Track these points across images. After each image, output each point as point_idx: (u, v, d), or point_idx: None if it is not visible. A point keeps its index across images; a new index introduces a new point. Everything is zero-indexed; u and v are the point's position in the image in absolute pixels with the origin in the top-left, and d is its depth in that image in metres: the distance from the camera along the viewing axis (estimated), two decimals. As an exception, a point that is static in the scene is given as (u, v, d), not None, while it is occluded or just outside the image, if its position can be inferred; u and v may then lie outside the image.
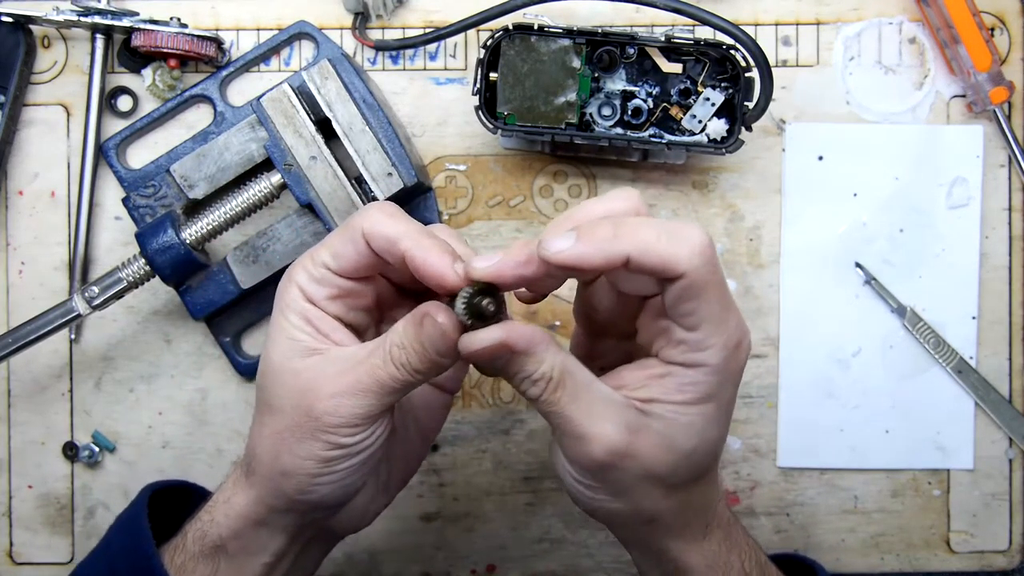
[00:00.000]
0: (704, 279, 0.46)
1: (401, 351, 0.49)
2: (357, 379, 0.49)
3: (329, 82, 0.63)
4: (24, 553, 0.70)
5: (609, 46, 0.64)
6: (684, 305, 0.47)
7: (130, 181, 0.68)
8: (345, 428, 0.49)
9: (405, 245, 0.49)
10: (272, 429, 0.51)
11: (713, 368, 0.48)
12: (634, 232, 0.46)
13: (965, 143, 0.70)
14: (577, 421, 0.48)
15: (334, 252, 0.51)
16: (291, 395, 0.50)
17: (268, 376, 0.52)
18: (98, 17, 0.66)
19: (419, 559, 0.71)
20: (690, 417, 0.49)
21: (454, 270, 0.48)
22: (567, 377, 0.48)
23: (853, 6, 0.70)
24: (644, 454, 0.49)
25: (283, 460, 0.51)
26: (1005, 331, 0.71)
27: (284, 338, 0.51)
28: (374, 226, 0.49)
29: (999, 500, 0.71)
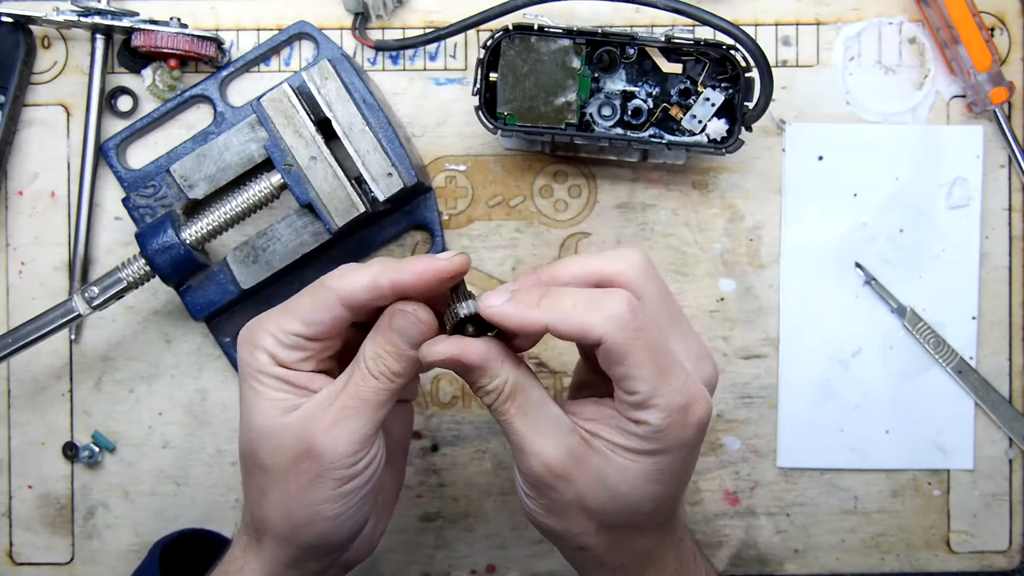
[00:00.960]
0: (625, 345, 0.47)
1: (377, 360, 0.51)
2: (344, 406, 0.50)
3: (329, 82, 0.63)
4: (24, 553, 0.70)
5: (609, 46, 0.64)
6: (613, 369, 0.49)
7: (130, 181, 0.68)
8: (347, 458, 0.50)
9: (386, 278, 0.50)
10: (276, 490, 0.52)
11: (654, 428, 0.49)
12: (555, 302, 0.49)
13: (965, 143, 0.70)
14: (522, 434, 0.50)
15: (306, 320, 0.51)
16: (286, 448, 0.51)
17: (256, 440, 0.52)
18: (98, 17, 0.66)
19: (419, 559, 0.71)
20: (626, 462, 0.50)
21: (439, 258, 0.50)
22: (518, 392, 0.50)
23: (853, 6, 0.70)
24: (579, 483, 0.50)
25: (297, 514, 0.51)
26: (1005, 331, 0.70)
27: (263, 402, 0.51)
28: (348, 286, 0.50)
29: (999, 500, 0.71)
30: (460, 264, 0.50)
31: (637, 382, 0.48)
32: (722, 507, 0.71)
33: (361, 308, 0.51)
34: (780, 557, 0.71)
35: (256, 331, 0.52)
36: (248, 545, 0.54)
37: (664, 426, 0.48)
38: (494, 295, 0.50)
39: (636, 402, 0.48)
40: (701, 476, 0.71)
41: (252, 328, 0.52)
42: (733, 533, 0.71)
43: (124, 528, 0.70)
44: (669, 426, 0.48)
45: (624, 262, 0.50)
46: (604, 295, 0.48)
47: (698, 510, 0.71)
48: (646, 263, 0.51)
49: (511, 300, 0.49)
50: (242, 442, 0.53)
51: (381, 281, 0.50)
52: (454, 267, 0.50)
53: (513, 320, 0.49)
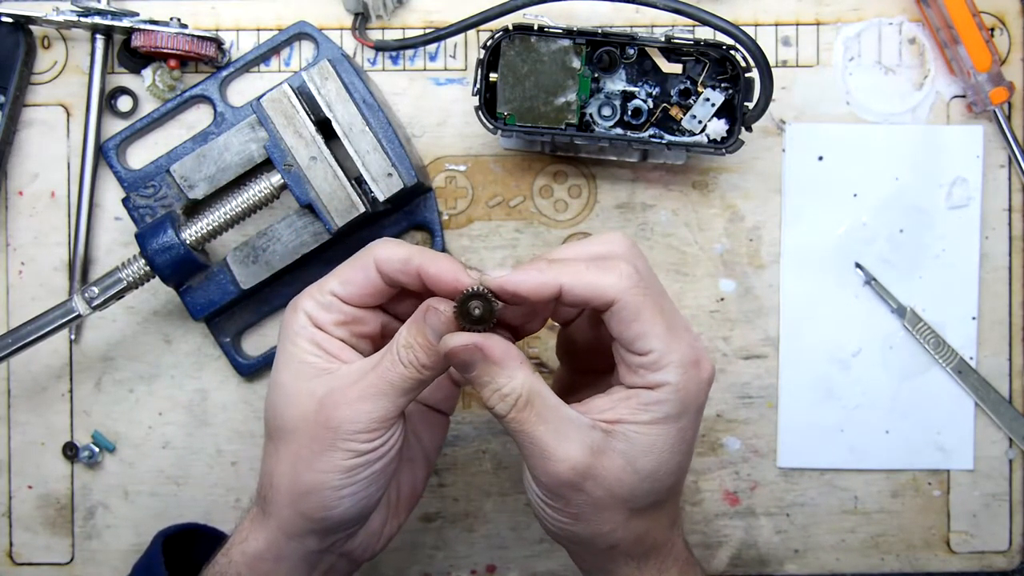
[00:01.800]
0: (636, 301, 0.49)
1: (408, 350, 0.51)
2: (370, 384, 0.51)
3: (329, 82, 0.63)
4: (24, 553, 0.70)
5: (609, 46, 0.64)
6: (627, 330, 0.49)
7: (130, 181, 0.68)
8: (364, 434, 0.51)
9: (417, 260, 0.52)
10: (289, 452, 0.53)
11: (674, 386, 0.50)
12: (563, 266, 0.50)
13: (965, 143, 0.70)
14: (543, 441, 0.50)
15: (343, 279, 0.53)
16: (307, 413, 0.52)
17: (280, 400, 0.53)
18: (98, 17, 0.66)
19: (419, 559, 0.71)
20: (652, 437, 0.50)
21: (466, 273, 0.51)
22: (535, 397, 0.50)
23: (853, 6, 0.70)
24: (607, 475, 0.50)
25: (304, 479, 0.52)
26: (1005, 331, 0.71)
27: (295, 362, 0.53)
28: (384, 253, 0.53)
29: (999, 500, 0.71)
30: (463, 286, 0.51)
31: (651, 339, 0.49)
32: (722, 507, 0.71)
33: (391, 279, 0.53)
34: (780, 557, 0.71)
35: (302, 295, 0.54)
36: (255, 517, 0.55)
37: (682, 383, 0.50)
38: (496, 268, 0.51)
39: (651, 361, 0.50)
40: (701, 476, 0.71)
41: (298, 296, 0.54)
42: (733, 533, 0.71)
43: (124, 528, 0.70)
44: (686, 383, 0.50)
45: (613, 243, 0.52)
46: (610, 260, 0.50)
47: (698, 510, 0.71)
48: (630, 242, 0.52)
49: (517, 270, 0.50)
50: (268, 401, 0.55)
51: (413, 262, 0.52)
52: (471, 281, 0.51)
53: (527, 285, 0.49)
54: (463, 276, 0.50)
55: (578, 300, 0.50)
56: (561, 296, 0.50)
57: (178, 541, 0.65)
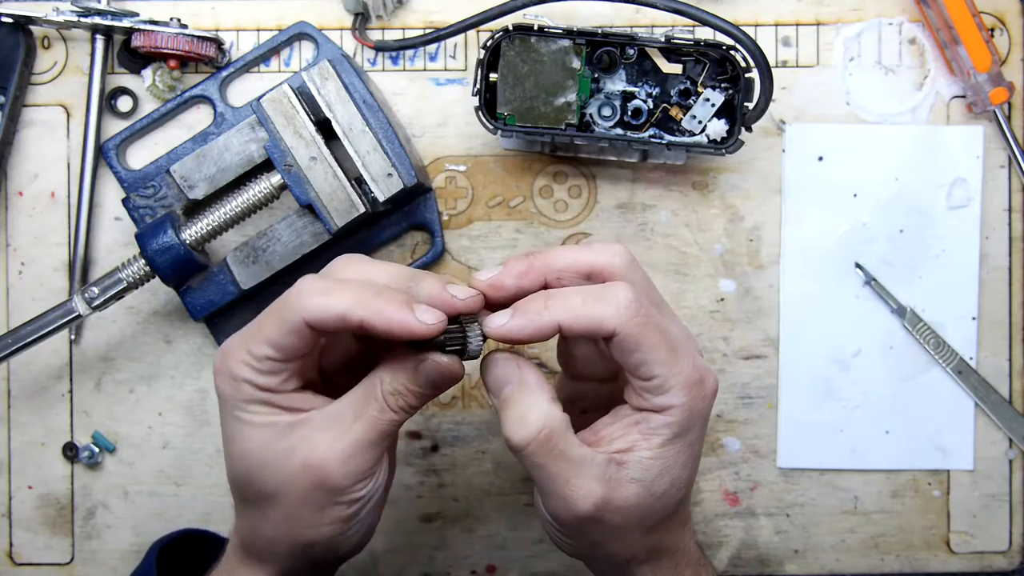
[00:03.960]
0: (637, 331, 0.48)
1: (397, 396, 0.50)
2: (360, 437, 0.50)
3: (329, 83, 0.63)
4: (24, 554, 0.70)
5: (609, 47, 0.64)
6: (629, 359, 0.49)
7: (130, 182, 0.68)
8: (359, 483, 0.50)
9: (359, 316, 0.47)
10: (279, 514, 0.51)
11: (679, 408, 0.50)
12: (562, 302, 0.49)
13: (965, 144, 0.70)
14: (563, 478, 0.49)
15: (276, 344, 0.49)
16: (291, 475, 0.50)
17: (254, 467, 0.51)
18: (98, 18, 0.66)
19: (419, 560, 0.71)
20: (664, 460, 0.50)
21: (418, 320, 0.47)
22: (557, 433, 0.49)
23: (853, 7, 0.70)
24: (623, 504, 0.50)
25: (304, 535, 0.51)
26: (1005, 332, 0.70)
27: (255, 429, 0.50)
28: (315, 312, 0.47)
29: (999, 501, 0.71)
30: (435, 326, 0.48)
31: (655, 366, 0.49)
32: (722, 507, 0.71)
33: (337, 330, 0.48)
34: (780, 557, 0.71)
35: (229, 360, 0.50)
36: (247, 562, 0.54)
37: (687, 404, 0.50)
38: (497, 316, 0.50)
39: (656, 386, 0.49)
40: (701, 476, 0.71)
41: (225, 357, 0.50)
42: (733, 533, 0.71)
43: (124, 528, 0.70)
44: (691, 403, 0.50)
45: (612, 255, 0.51)
46: (608, 288, 0.49)
47: (698, 510, 0.71)
48: (630, 255, 0.52)
49: (517, 314, 0.49)
50: (236, 472, 0.52)
51: (353, 317, 0.47)
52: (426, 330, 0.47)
53: (526, 332, 0.49)
54: (416, 325, 0.47)
55: (577, 335, 0.50)
56: (561, 332, 0.49)
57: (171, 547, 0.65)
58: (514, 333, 0.49)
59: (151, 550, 0.65)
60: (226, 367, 0.50)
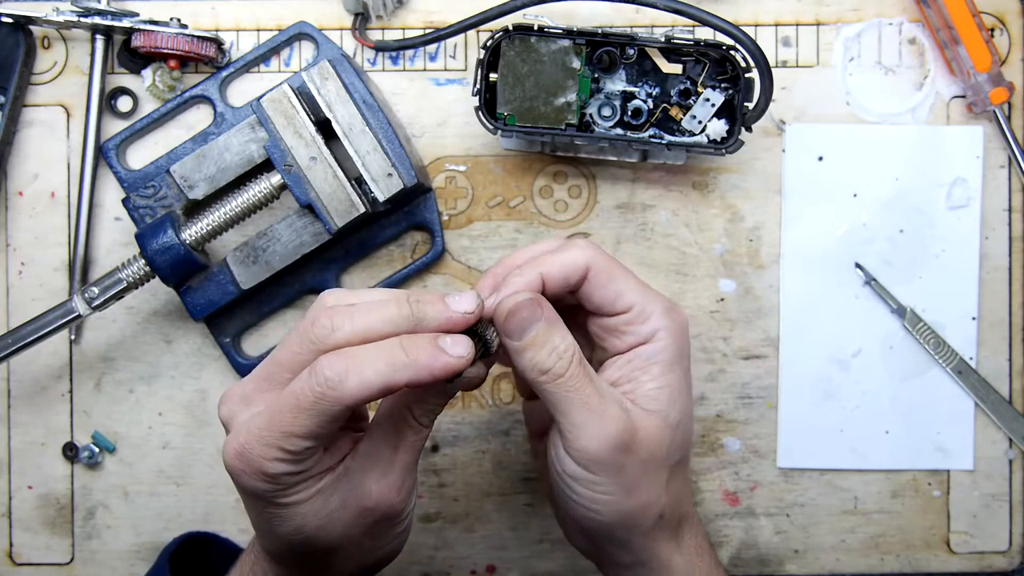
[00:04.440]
0: (607, 264, 0.53)
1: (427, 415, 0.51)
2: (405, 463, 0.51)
3: (329, 83, 0.63)
4: (24, 554, 0.70)
5: (609, 47, 0.64)
6: (605, 292, 0.52)
7: (130, 182, 0.68)
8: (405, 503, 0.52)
9: (402, 378, 0.46)
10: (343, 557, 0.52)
11: (665, 331, 0.53)
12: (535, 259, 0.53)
13: (965, 144, 0.70)
14: (595, 401, 0.50)
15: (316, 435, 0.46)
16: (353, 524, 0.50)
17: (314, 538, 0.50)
18: (98, 18, 0.66)
19: (419, 559, 0.71)
20: (670, 386, 0.53)
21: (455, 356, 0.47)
22: (583, 359, 0.51)
23: (853, 7, 0.70)
24: (647, 436, 0.51)
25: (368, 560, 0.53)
26: (1005, 332, 0.70)
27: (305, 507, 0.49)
28: (359, 392, 0.45)
29: (999, 501, 0.71)
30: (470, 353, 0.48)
31: (630, 294, 0.53)
32: (722, 507, 0.71)
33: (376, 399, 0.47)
34: (780, 557, 0.71)
35: (259, 461, 0.47)
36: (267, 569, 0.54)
37: (670, 325, 0.53)
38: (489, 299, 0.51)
39: (636, 314, 0.52)
40: (701, 476, 0.71)
41: (246, 457, 0.47)
42: (733, 533, 0.71)
43: (124, 528, 0.70)
44: (674, 326, 0.53)
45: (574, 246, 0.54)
46: (569, 241, 0.54)
47: (698, 510, 0.71)
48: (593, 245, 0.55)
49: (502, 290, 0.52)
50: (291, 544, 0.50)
51: (395, 383, 0.46)
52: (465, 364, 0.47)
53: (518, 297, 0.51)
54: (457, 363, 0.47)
55: (558, 281, 0.52)
56: (544, 285, 0.52)
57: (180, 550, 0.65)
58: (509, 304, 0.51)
59: (161, 556, 0.65)
60: (255, 467, 0.47)
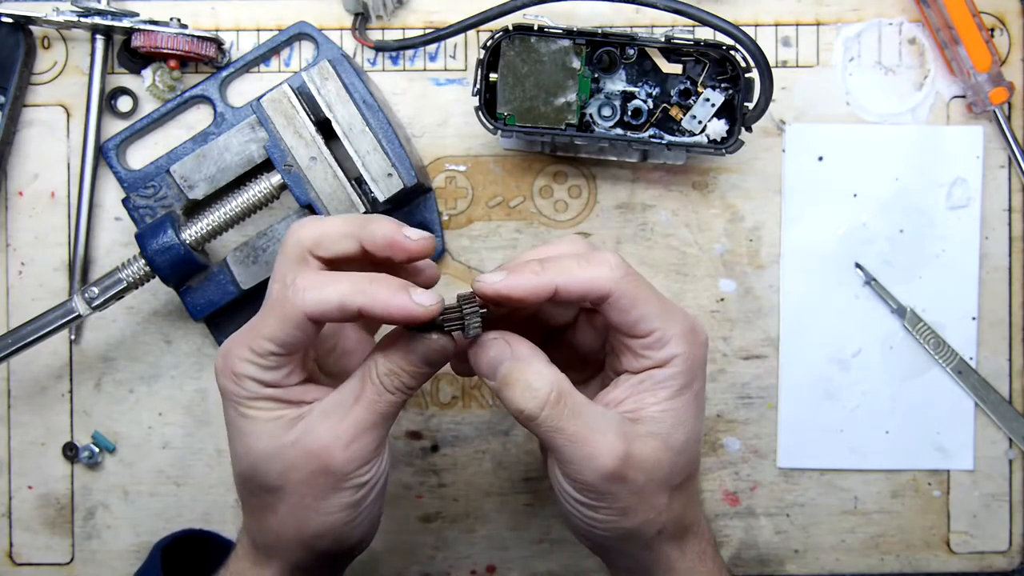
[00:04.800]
0: (630, 289, 0.50)
1: (392, 377, 0.50)
2: (359, 419, 0.50)
3: (329, 83, 0.63)
4: (24, 554, 0.70)
5: (609, 47, 0.64)
6: (627, 317, 0.50)
7: (130, 182, 0.68)
8: (363, 467, 0.50)
9: (357, 303, 0.48)
10: (287, 506, 0.51)
11: (682, 356, 0.51)
12: (556, 265, 0.50)
13: (965, 144, 0.70)
14: (581, 436, 0.49)
15: (279, 341, 0.49)
16: (297, 466, 0.50)
17: (260, 463, 0.51)
18: (98, 18, 0.66)
19: (419, 559, 0.71)
20: (677, 412, 0.51)
21: (415, 303, 0.48)
22: (566, 393, 0.50)
23: (853, 7, 0.70)
24: (645, 459, 0.50)
25: (313, 526, 0.51)
26: (1005, 332, 0.71)
27: (261, 424, 0.51)
28: (316, 305, 0.48)
29: (999, 501, 0.71)
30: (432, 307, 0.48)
31: (652, 319, 0.51)
32: (722, 507, 0.71)
33: (339, 320, 0.50)
34: (780, 557, 0.71)
35: (231, 359, 0.50)
36: (257, 560, 0.54)
37: (688, 352, 0.51)
38: (492, 274, 0.50)
39: (656, 339, 0.51)
40: (701, 476, 0.71)
41: (226, 356, 0.50)
42: (733, 533, 0.71)
43: (124, 528, 0.70)
44: (691, 350, 0.52)
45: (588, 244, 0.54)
46: (597, 254, 0.51)
47: (698, 510, 0.71)
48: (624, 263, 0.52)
49: (513, 274, 0.49)
50: (242, 468, 0.52)
51: (353, 304, 0.48)
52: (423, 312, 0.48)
53: (523, 289, 0.49)
54: (414, 308, 0.48)
55: (573, 297, 0.50)
56: (556, 294, 0.50)
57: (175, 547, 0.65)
58: (511, 290, 0.49)
59: (154, 550, 0.65)
60: (228, 365, 0.50)
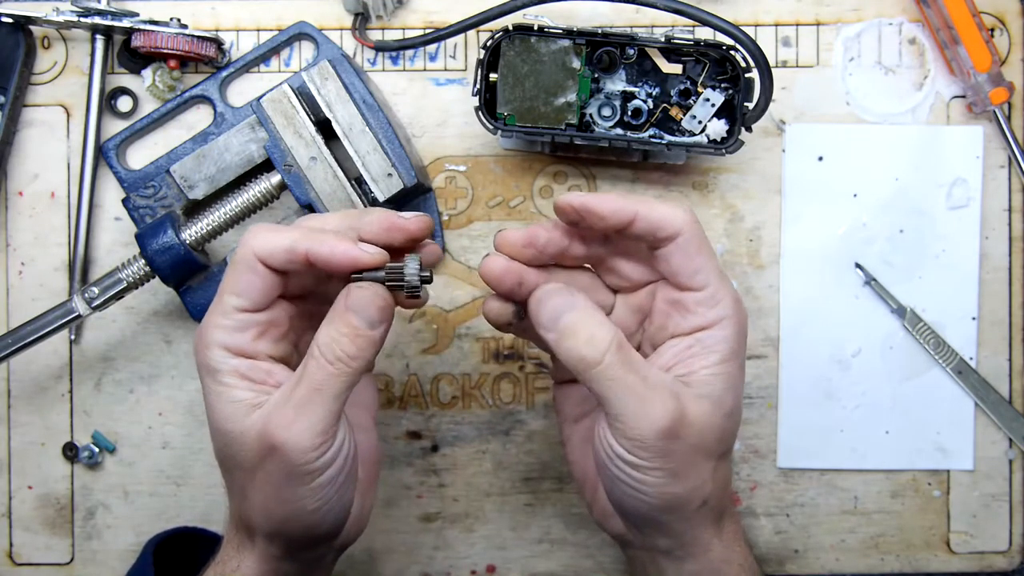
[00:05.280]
0: (699, 236, 0.52)
1: (330, 345, 0.49)
2: (299, 398, 0.49)
3: (329, 83, 0.63)
4: (24, 554, 0.70)
5: (609, 47, 0.64)
6: (689, 263, 0.51)
7: (130, 182, 0.68)
8: (313, 452, 0.49)
9: (304, 246, 0.49)
10: (252, 488, 0.51)
11: (730, 320, 0.52)
12: (637, 197, 0.52)
13: (965, 144, 0.70)
14: (638, 390, 0.49)
15: (237, 291, 0.50)
16: (252, 448, 0.50)
17: (225, 442, 0.51)
18: (98, 18, 0.66)
19: (419, 559, 0.71)
20: (725, 376, 0.52)
21: (360, 248, 0.49)
22: (625, 347, 0.50)
23: (853, 7, 0.70)
24: (697, 421, 0.50)
25: (277, 512, 0.51)
26: (1005, 332, 0.71)
27: (225, 403, 0.50)
28: (264, 246, 0.50)
29: (999, 501, 0.71)
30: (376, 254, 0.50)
31: (709, 273, 0.52)
32: (722, 507, 0.71)
33: (283, 271, 0.51)
34: (780, 557, 0.71)
35: (203, 329, 0.51)
36: (241, 544, 0.54)
37: (736, 317, 0.52)
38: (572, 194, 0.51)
39: (709, 296, 0.52)
40: (701, 476, 0.71)
41: (200, 329, 0.51)
42: (733, 533, 0.71)
43: (124, 528, 0.70)
44: (739, 318, 0.52)
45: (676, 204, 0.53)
46: (670, 201, 0.52)
47: (698, 510, 0.71)
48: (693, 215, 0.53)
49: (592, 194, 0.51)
50: (216, 447, 0.52)
51: (299, 248, 0.49)
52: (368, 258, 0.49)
53: (607, 206, 0.51)
54: (358, 252, 0.49)
55: (647, 229, 0.51)
56: (634, 222, 0.51)
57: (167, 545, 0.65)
58: (597, 205, 0.51)
59: (147, 547, 0.65)
60: (200, 337, 0.51)
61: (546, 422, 0.70)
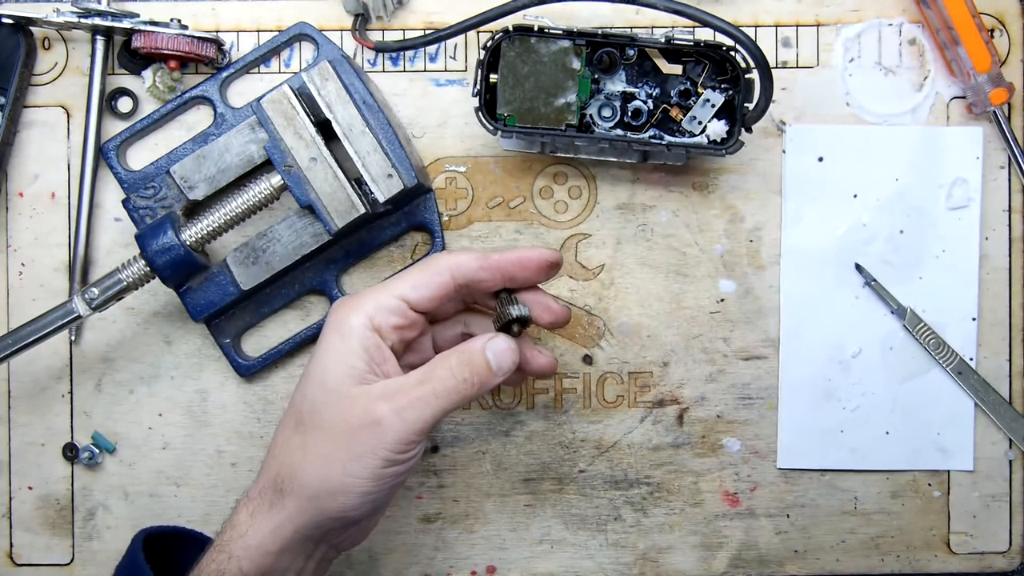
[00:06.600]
0: None
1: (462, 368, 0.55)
2: (422, 395, 0.54)
3: (329, 83, 0.63)
4: (24, 554, 0.70)
5: (609, 47, 0.64)
6: None
7: (130, 182, 0.68)
8: (404, 444, 0.53)
9: (493, 260, 0.57)
10: (319, 448, 0.53)
11: None
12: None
13: (965, 144, 0.70)
14: None
15: (415, 284, 0.56)
16: (352, 415, 0.53)
17: (321, 398, 0.54)
18: (98, 19, 0.66)
19: (419, 560, 0.71)
20: None
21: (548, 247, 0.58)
22: None
23: (853, 7, 0.70)
24: None
25: (332, 479, 0.53)
26: (1005, 332, 0.71)
27: (342, 363, 0.54)
28: (458, 258, 0.57)
29: (999, 501, 0.71)
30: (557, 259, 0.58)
31: None
32: (722, 508, 0.71)
33: (465, 281, 0.57)
34: (780, 558, 0.71)
35: (362, 297, 0.56)
36: (258, 509, 0.55)
37: None
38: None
39: None
40: (701, 477, 0.71)
41: (350, 296, 0.57)
42: (733, 534, 0.71)
43: (124, 529, 0.70)
44: None
45: None
46: None
47: (698, 511, 0.71)
48: None
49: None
50: (303, 391, 0.55)
51: (491, 258, 0.57)
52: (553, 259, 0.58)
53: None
54: (551, 253, 0.58)
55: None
56: None
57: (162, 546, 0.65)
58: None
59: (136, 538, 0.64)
60: (352, 301, 0.56)
61: (546, 423, 0.70)
